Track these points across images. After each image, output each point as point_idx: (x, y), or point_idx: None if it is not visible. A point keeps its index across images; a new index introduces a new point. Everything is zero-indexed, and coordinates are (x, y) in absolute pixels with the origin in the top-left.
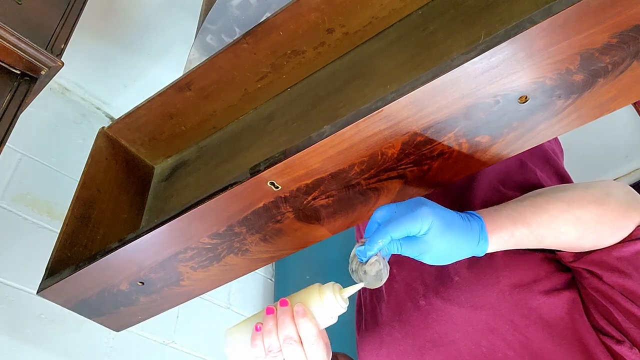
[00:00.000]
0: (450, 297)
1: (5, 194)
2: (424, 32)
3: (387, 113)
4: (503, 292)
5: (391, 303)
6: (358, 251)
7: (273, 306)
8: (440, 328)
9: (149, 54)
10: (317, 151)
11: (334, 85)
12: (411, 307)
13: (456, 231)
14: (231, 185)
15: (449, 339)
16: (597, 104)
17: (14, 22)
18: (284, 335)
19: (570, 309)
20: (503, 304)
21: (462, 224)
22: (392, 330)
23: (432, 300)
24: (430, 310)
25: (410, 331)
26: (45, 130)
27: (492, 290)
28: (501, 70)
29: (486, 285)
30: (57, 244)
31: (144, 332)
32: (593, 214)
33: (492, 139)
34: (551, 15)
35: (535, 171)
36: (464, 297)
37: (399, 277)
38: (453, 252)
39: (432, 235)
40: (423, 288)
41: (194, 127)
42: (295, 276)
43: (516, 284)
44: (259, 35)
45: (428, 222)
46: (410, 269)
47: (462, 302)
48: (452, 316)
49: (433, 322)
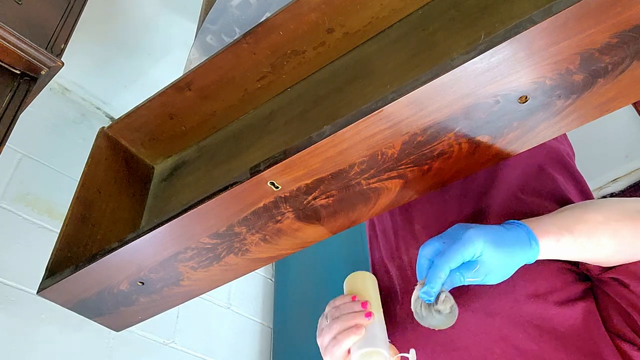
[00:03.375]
0: (464, 303)
1: (5, 194)
2: (424, 32)
3: (387, 113)
4: (518, 301)
5: (405, 305)
6: (423, 293)
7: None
8: (453, 333)
9: (149, 54)
10: (317, 151)
11: (334, 85)
12: None
13: (508, 243)
14: (231, 185)
15: (462, 345)
16: (597, 104)
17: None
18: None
19: (585, 319)
20: (517, 313)
21: (509, 234)
22: (405, 332)
23: None
24: None
25: (423, 334)
26: (45, 130)
27: (507, 299)
28: (501, 70)
29: (501, 293)
30: (57, 244)
31: (144, 332)
32: (629, 228)
33: (492, 139)
34: (551, 15)
35: (555, 177)
36: (478, 304)
37: (413, 279)
38: (510, 263)
39: (488, 255)
40: None
41: (194, 127)
42: (295, 276)
43: (531, 293)
44: (259, 35)
45: (480, 243)
46: None
47: (477, 309)
48: (466, 322)
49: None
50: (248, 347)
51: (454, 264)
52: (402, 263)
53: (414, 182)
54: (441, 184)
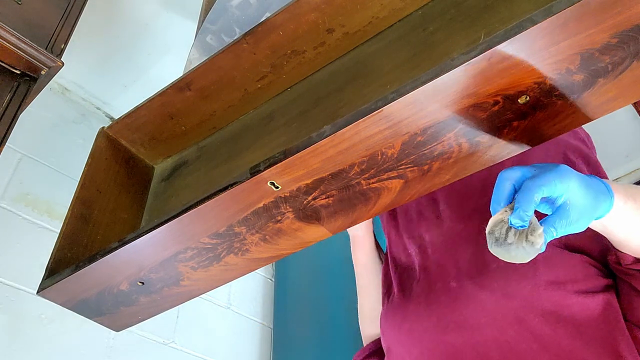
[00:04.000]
0: (483, 283)
1: (5, 194)
2: (424, 32)
3: (387, 113)
4: (538, 286)
5: (422, 282)
6: (515, 218)
7: None
8: (468, 312)
9: (149, 54)
10: (317, 151)
11: (334, 85)
12: (441, 287)
13: (594, 188)
14: (231, 185)
15: (475, 324)
16: (597, 104)
17: (14, 22)
18: None
19: (605, 311)
20: (536, 297)
21: (593, 181)
22: (418, 307)
23: (464, 284)
24: (460, 293)
25: (437, 310)
26: (45, 130)
27: (527, 282)
28: (501, 70)
29: (523, 276)
30: (57, 244)
31: (144, 332)
32: None
33: (492, 139)
34: (551, 15)
35: (580, 167)
36: (497, 284)
37: (432, 257)
38: (592, 212)
39: (576, 195)
40: (455, 271)
41: (194, 127)
42: (295, 276)
43: (552, 280)
44: (259, 35)
45: (573, 180)
46: (443, 250)
47: (495, 289)
48: (482, 302)
49: (461, 305)
50: (248, 347)
51: (547, 191)
52: (423, 242)
53: (414, 182)
54: (441, 184)
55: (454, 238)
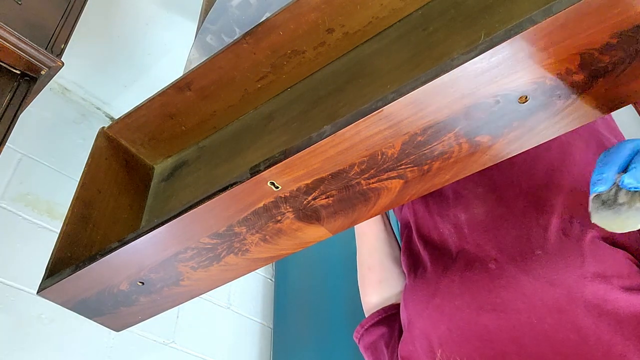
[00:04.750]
0: (526, 268)
1: (5, 194)
2: (424, 32)
3: (387, 113)
4: (584, 277)
5: (458, 260)
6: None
7: None
8: (506, 295)
9: (149, 54)
10: (317, 151)
11: (334, 85)
12: (479, 267)
13: None
14: (231, 185)
15: (513, 308)
16: (597, 104)
17: (14, 22)
18: None
19: None
20: (581, 288)
21: None
22: (452, 283)
23: (504, 266)
24: (500, 275)
25: (472, 289)
26: (45, 130)
27: (573, 272)
28: (501, 70)
29: (569, 265)
30: (57, 244)
31: (144, 332)
32: None
33: (492, 139)
34: (551, 15)
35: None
36: (542, 271)
37: (470, 237)
38: None
39: None
40: (496, 252)
41: (194, 127)
42: (295, 276)
43: (599, 273)
44: (259, 35)
45: None
46: (483, 231)
47: (539, 276)
48: (523, 286)
49: (500, 287)
50: (248, 347)
51: None
52: (459, 221)
53: (413, 182)
54: (441, 184)
55: (496, 219)
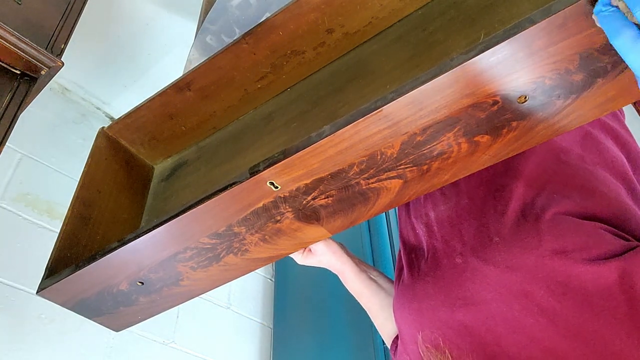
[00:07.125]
0: (486, 257)
1: (5, 194)
2: (424, 32)
3: (386, 113)
4: (542, 256)
5: (429, 260)
6: None
7: None
8: (473, 287)
9: (149, 54)
10: (316, 151)
11: (334, 85)
12: (447, 264)
13: None
14: (231, 185)
15: (481, 299)
16: (596, 104)
17: (14, 22)
18: None
19: (621, 279)
20: (540, 269)
21: None
22: (426, 285)
23: (468, 259)
24: (465, 269)
25: (444, 287)
26: (45, 130)
27: (530, 253)
28: (500, 70)
29: (525, 248)
30: (57, 244)
31: (144, 332)
32: None
33: (491, 139)
34: (550, 15)
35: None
36: (500, 257)
37: (439, 234)
38: None
39: None
40: (461, 246)
41: (194, 127)
42: (295, 276)
43: (558, 249)
44: (259, 36)
45: None
46: (449, 226)
47: (498, 263)
48: (487, 276)
49: (467, 280)
50: (248, 347)
51: None
52: (429, 220)
53: (413, 182)
54: (440, 184)
55: (460, 213)
